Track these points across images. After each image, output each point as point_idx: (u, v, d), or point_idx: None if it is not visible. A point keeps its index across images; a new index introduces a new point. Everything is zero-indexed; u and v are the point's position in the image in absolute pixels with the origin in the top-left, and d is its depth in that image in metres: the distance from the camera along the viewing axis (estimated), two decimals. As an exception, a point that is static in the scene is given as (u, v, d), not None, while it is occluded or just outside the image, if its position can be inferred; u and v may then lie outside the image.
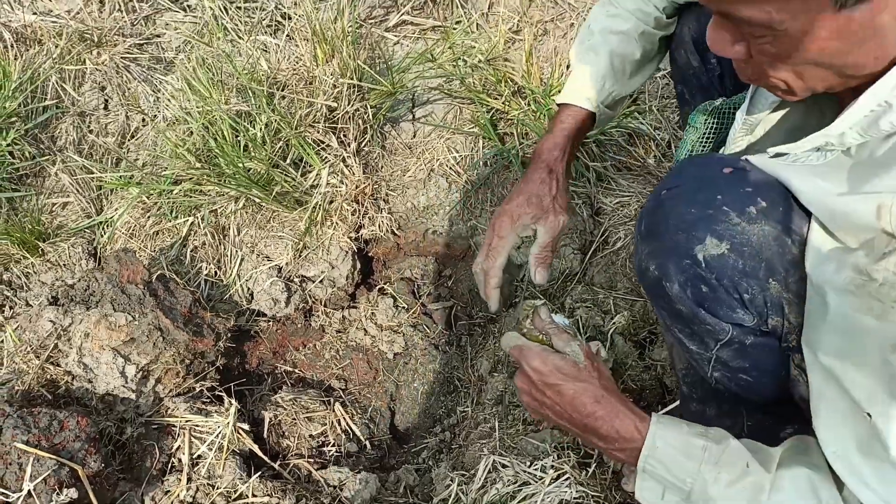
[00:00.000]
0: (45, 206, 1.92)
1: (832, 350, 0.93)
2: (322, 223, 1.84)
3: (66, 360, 1.48)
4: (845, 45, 0.81)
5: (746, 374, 1.16)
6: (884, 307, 0.84)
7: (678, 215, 1.06)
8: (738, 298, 1.05)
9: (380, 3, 2.53)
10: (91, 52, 2.21)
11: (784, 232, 1.00)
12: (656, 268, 1.10)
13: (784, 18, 0.79)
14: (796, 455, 1.00)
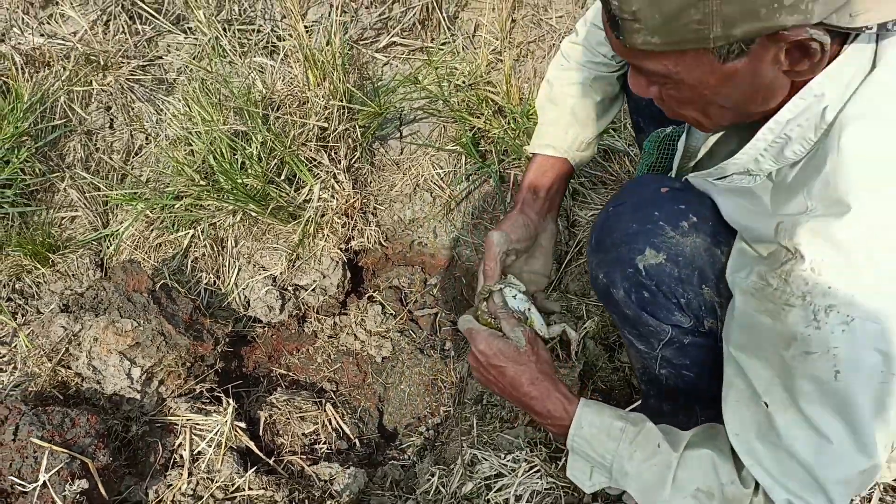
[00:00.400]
0: (54, 219, 2.04)
1: (739, 344, 1.06)
2: (314, 235, 1.96)
3: (76, 363, 1.60)
4: (734, 90, 0.94)
5: (689, 370, 1.29)
6: (776, 308, 0.96)
7: (621, 229, 1.20)
8: (676, 303, 1.19)
9: (371, 25, 2.66)
10: (97, 73, 2.33)
11: (713, 244, 1.14)
12: (604, 276, 1.24)
13: (679, 71, 0.93)
14: (704, 439, 1.13)
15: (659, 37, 0.88)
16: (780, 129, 0.97)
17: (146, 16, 2.67)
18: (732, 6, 0.82)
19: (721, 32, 0.85)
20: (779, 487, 1.02)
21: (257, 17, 2.74)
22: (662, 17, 0.86)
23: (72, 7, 2.81)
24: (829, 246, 0.91)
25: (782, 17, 0.82)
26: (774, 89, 0.95)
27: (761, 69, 0.91)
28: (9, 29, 2.75)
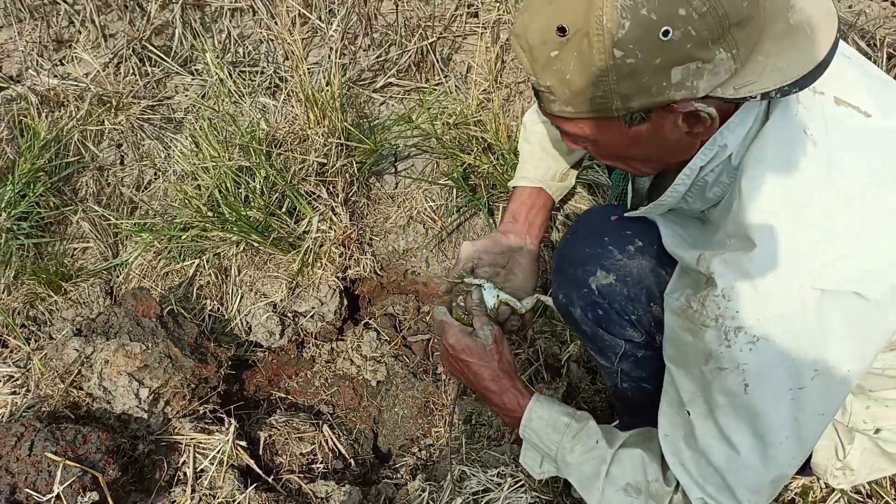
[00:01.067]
0: (67, 250, 2.15)
1: (668, 356, 1.18)
2: (313, 264, 2.06)
3: (88, 384, 1.70)
4: (645, 149, 1.09)
5: (646, 383, 1.40)
6: (696, 328, 1.08)
7: (576, 253, 1.34)
8: (628, 319, 1.31)
9: (369, 67, 2.80)
10: (109, 113, 2.47)
11: (658, 265, 1.26)
12: (563, 296, 1.38)
13: (593, 134, 1.07)
14: (638, 441, 1.27)
15: (571, 107, 1.02)
16: (695, 175, 1.10)
17: (155, 58, 2.81)
18: (627, 85, 0.96)
19: (621, 105, 0.99)
20: (696, 487, 1.14)
21: (261, 59, 2.89)
22: (571, 92, 1.00)
23: (84, 50, 2.96)
24: (739, 276, 1.02)
25: (671, 93, 0.96)
26: (683, 146, 1.08)
27: (664, 132, 1.04)
28: (24, 70, 2.90)
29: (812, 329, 1.01)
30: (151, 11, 3.02)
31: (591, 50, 0.94)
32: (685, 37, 0.92)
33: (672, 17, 0.91)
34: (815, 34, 0.99)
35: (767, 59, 0.98)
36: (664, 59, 0.93)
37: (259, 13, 3.10)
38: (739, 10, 0.93)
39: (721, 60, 0.95)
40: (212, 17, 3.17)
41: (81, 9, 3.14)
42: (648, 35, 0.92)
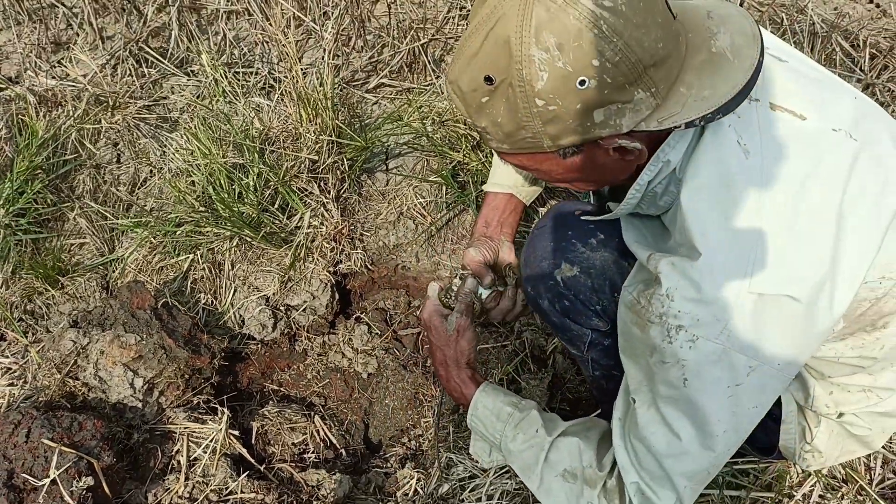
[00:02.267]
0: (64, 246, 2.19)
1: (621, 346, 1.25)
2: (305, 259, 2.11)
3: (84, 374, 1.74)
4: (580, 174, 1.16)
5: (616, 370, 1.46)
6: (643, 322, 1.14)
7: (542, 247, 1.39)
8: (593, 309, 1.37)
9: (362, 68, 2.84)
10: (106, 113, 2.51)
11: (620, 257, 1.32)
12: (531, 289, 1.43)
13: (531, 165, 1.15)
14: (578, 430, 1.36)
15: (507, 145, 1.10)
16: (644, 188, 1.16)
17: (152, 60, 2.86)
18: (553, 127, 1.03)
19: (552, 143, 1.06)
20: (633, 471, 1.20)
21: (256, 60, 2.93)
22: (504, 133, 1.07)
23: (82, 52, 3.01)
24: (682, 279, 1.08)
25: (596, 132, 1.03)
26: (619, 169, 1.16)
27: (598, 162, 1.12)
28: (23, 71, 2.95)
29: (748, 330, 1.06)
30: (148, 14, 3.06)
31: (515, 98, 1.01)
32: (601, 84, 0.97)
33: (586, 67, 0.96)
34: (738, 60, 1.04)
35: (690, 91, 1.03)
36: (584, 104, 0.99)
37: (254, 15, 3.15)
38: (654, 53, 0.98)
39: (640, 100, 1.01)
40: (207, 19, 3.21)
41: (79, 11, 3.19)
42: (566, 85, 0.97)
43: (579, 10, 0.94)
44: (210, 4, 3.27)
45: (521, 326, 2.05)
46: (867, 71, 2.80)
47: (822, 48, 2.92)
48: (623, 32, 0.95)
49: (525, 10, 0.96)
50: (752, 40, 1.06)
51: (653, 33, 0.98)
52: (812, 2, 3.26)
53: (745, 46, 1.05)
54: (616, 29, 0.95)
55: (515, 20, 0.96)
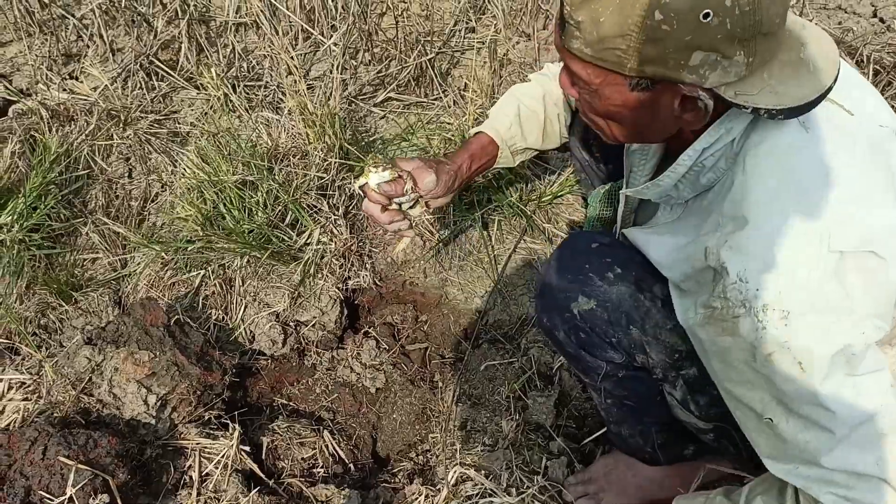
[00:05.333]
0: (77, 261, 2.21)
1: (723, 377, 1.18)
2: (314, 275, 2.13)
3: (98, 391, 1.77)
4: (634, 115, 1.14)
5: (629, 400, 1.47)
6: (729, 325, 1.10)
7: (559, 279, 1.40)
8: (608, 342, 1.38)
9: (369, 82, 2.87)
10: (118, 127, 2.54)
11: (637, 290, 1.33)
12: (547, 320, 1.44)
13: (597, 82, 1.11)
14: (755, 488, 1.27)
15: (591, 49, 1.06)
16: (697, 157, 1.16)
17: (162, 73, 2.89)
18: (651, 49, 1.00)
19: (636, 66, 1.03)
20: (820, 490, 1.09)
21: (265, 73, 2.96)
22: (598, 35, 1.03)
23: (93, 65, 3.04)
24: (744, 256, 1.06)
25: (683, 74, 1.02)
26: (666, 127, 1.16)
27: (659, 107, 1.10)
28: (34, 83, 2.98)
29: (837, 292, 1.03)
30: (158, 27, 3.09)
31: (635, 2, 0.97)
32: (721, 26, 0.96)
33: (719, 3, 0.95)
34: (816, 74, 1.05)
35: (769, 81, 1.03)
36: (694, 38, 0.97)
37: (262, 28, 3.18)
38: (771, 24, 0.98)
39: (737, 62, 1.00)
40: (216, 31, 3.24)
41: (90, 23, 3.22)
42: (692, 11, 0.95)
43: None
44: (219, 16, 3.30)
45: (527, 343, 2.08)
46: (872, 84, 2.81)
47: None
48: None
49: None
50: (831, 65, 1.07)
51: (778, 6, 0.99)
52: (815, 17, 3.28)
53: (824, 66, 1.06)
54: None
55: None
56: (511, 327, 2.15)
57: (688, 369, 1.37)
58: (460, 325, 2.21)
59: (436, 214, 2.27)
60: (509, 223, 2.34)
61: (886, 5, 3.56)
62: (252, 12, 3.27)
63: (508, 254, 2.27)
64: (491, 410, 1.95)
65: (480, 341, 2.14)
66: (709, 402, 1.38)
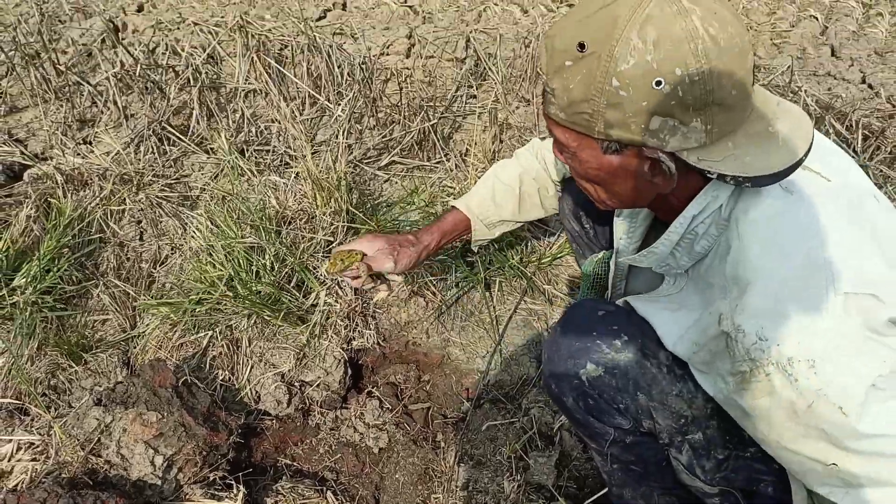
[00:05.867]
0: (88, 322, 2.27)
1: (773, 437, 1.19)
2: (319, 336, 2.17)
3: (106, 452, 1.80)
4: (610, 177, 1.22)
5: (635, 465, 1.49)
6: (763, 385, 1.12)
7: (567, 347, 1.43)
8: (616, 408, 1.41)
9: (374, 146, 2.96)
10: (130, 191, 2.63)
11: (643, 357, 1.36)
12: (556, 386, 1.47)
13: (575, 146, 1.20)
14: None
15: (564, 114, 1.16)
16: (688, 224, 1.22)
17: (174, 138, 2.99)
18: (613, 113, 1.09)
19: (603, 129, 1.12)
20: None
21: (272, 138, 3.06)
22: (568, 100, 1.13)
23: (106, 131, 3.14)
24: (757, 316, 1.10)
25: (645, 137, 1.10)
26: (644, 192, 1.22)
27: (631, 170, 1.18)
28: (49, 148, 3.08)
29: (852, 329, 1.05)
30: (171, 94, 3.21)
31: (596, 71, 1.07)
32: (673, 93, 1.04)
33: (668, 72, 1.03)
34: (786, 148, 1.12)
35: (735, 150, 1.10)
36: (649, 104, 1.06)
37: (271, 94, 3.29)
38: (726, 95, 1.06)
39: (695, 129, 1.08)
40: (226, 97, 3.36)
41: (104, 90, 3.34)
42: (644, 78, 1.04)
43: (687, 22, 1.03)
44: (229, 83, 3.42)
45: (528, 403, 2.11)
46: (860, 152, 2.90)
47: (817, 127, 3.01)
48: (711, 59, 1.03)
49: (643, 2, 1.05)
50: (803, 139, 1.13)
51: (733, 79, 1.06)
52: (806, 83, 3.39)
53: (796, 140, 1.13)
54: (707, 54, 1.03)
55: (631, 5, 1.05)
56: (512, 387, 2.18)
57: (693, 434, 1.39)
58: (462, 384, 2.25)
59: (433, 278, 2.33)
60: (510, 284, 2.40)
61: (875, 72, 3.68)
62: (261, 79, 3.40)
63: (509, 314, 2.32)
64: (493, 471, 1.97)
65: (482, 401, 2.17)
66: (714, 466, 1.41)
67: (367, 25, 4.10)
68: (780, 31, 4.08)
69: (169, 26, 4.00)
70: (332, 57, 3.33)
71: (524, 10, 4.31)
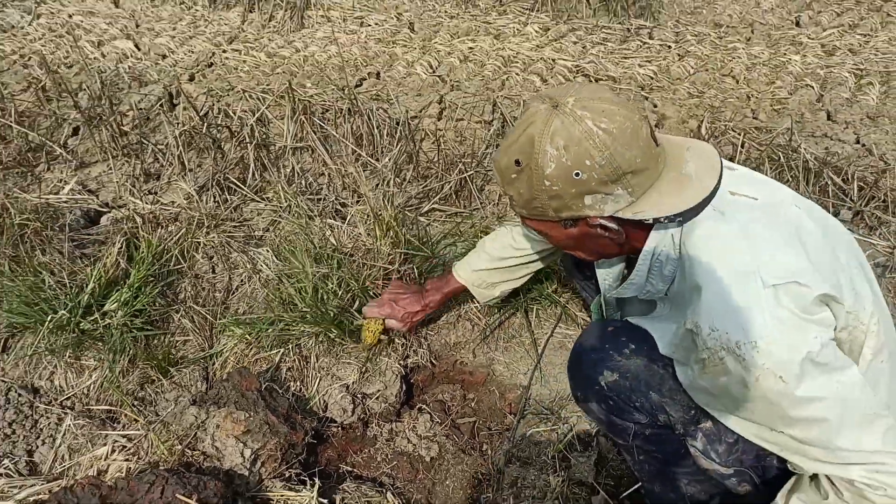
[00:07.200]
0: (171, 342, 2.54)
1: (733, 410, 1.48)
2: (379, 353, 2.45)
3: (202, 444, 2.04)
4: (578, 243, 1.58)
5: (658, 453, 1.76)
6: (719, 367, 1.40)
7: (585, 359, 1.75)
8: (633, 406, 1.69)
9: (415, 195, 3.28)
10: (200, 231, 2.93)
11: (650, 361, 1.66)
12: (580, 393, 1.78)
13: (543, 230, 1.57)
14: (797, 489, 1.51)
15: (524, 210, 1.52)
16: (650, 257, 1.55)
17: (234, 187, 3.31)
18: (555, 203, 1.44)
19: (554, 214, 1.48)
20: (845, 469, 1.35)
21: (322, 188, 3.38)
22: (522, 201, 1.49)
23: (169, 183, 3.47)
24: (708, 312, 1.39)
25: (585, 211, 1.45)
26: (607, 246, 1.56)
27: (590, 234, 1.52)
28: (118, 198, 3.40)
29: (783, 314, 1.31)
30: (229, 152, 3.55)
31: (532, 178, 1.42)
32: (590, 178, 1.38)
33: (581, 164, 1.37)
34: (700, 182, 1.45)
35: (661, 197, 1.44)
36: (577, 189, 1.40)
37: (318, 151, 3.63)
38: (632, 164, 1.39)
39: (619, 195, 1.42)
40: (276, 154, 3.70)
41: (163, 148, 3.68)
42: (566, 174, 1.39)
43: (583, 126, 1.37)
44: (278, 142, 3.78)
45: (567, 414, 2.35)
46: (856, 200, 3.20)
47: (816, 181, 3.33)
48: (609, 146, 1.37)
49: (548, 121, 1.39)
50: (713, 171, 1.47)
51: (633, 151, 1.38)
52: (805, 143, 3.74)
53: (706, 174, 1.46)
54: (605, 143, 1.37)
55: (541, 125, 1.40)
56: (552, 401, 2.43)
57: (704, 422, 1.66)
58: (506, 399, 2.49)
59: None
60: (545, 311, 2.67)
61: (867, 133, 4.04)
62: (307, 139, 3.75)
63: (547, 337, 2.59)
64: (538, 469, 2.20)
65: (525, 412, 2.41)
66: (726, 449, 1.67)
67: (401, 92, 4.49)
68: (780, 98, 4.47)
69: (219, 93, 4.39)
70: (372, 118, 3.70)
71: (543, 79, 4.71)
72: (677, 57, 5.14)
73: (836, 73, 4.82)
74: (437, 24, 5.82)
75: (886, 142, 3.86)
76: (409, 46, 5.29)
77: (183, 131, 3.60)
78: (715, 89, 4.62)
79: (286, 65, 4.98)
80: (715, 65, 5.00)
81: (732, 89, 4.62)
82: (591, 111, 1.38)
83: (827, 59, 5.10)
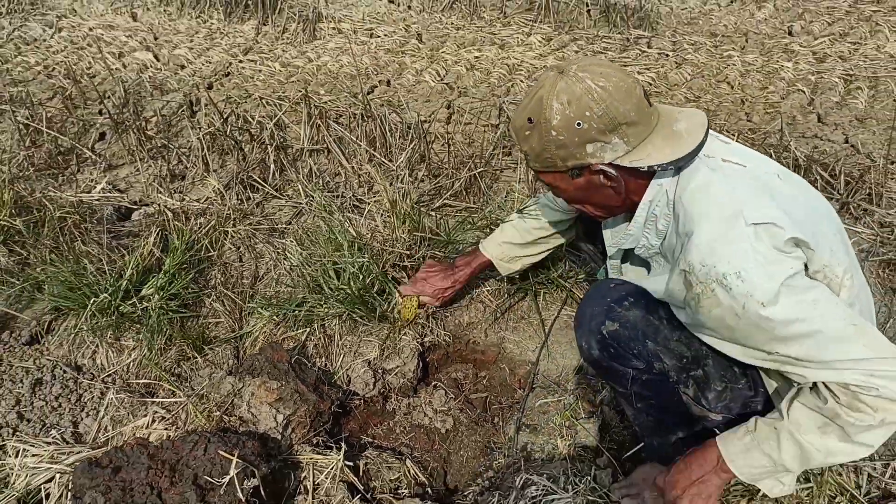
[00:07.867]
0: (204, 324, 2.73)
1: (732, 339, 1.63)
2: (399, 332, 2.64)
3: (239, 410, 2.22)
4: (585, 194, 1.77)
5: (654, 399, 1.93)
6: (711, 298, 1.55)
7: (590, 311, 1.93)
8: (631, 353, 1.87)
9: (427, 192, 3.48)
10: (227, 224, 3.12)
11: (647, 313, 1.84)
12: (585, 343, 1.95)
13: (554, 182, 1.76)
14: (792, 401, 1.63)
15: (538, 164, 1.73)
16: (648, 208, 1.73)
17: (256, 185, 3.50)
18: (562, 152, 1.65)
19: (561, 164, 1.68)
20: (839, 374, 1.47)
21: (339, 186, 3.58)
22: (535, 155, 1.71)
23: (194, 181, 3.66)
24: (699, 250, 1.55)
25: (588, 159, 1.65)
26: (611, 198, 1.75)
27: (593, 184, 1.72)
28: (146, 196, 3.59)
29: (762, 247, 1.47)
30: (250, 153, 3.75)
31: (541, 132, 1.64)
32: (590, 127, 1.60)
33: (581, 115, 1.59)
34: (690, 137, 1.65)
35: (654, 149, 1.64)
36: (580, 138, 1.61)
37: (333, 153, 3.83)
38: (626, 117, 1.60)
39: (616, 143, 1.62)
40: (293, 156, 3.90)
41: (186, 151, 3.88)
42: (570, 124, 1.60)
43: (584, 84, 1.59)
44: (295, 144, 3.97)
45: (572, 387, 2.53)
46: (843, 193, 3.39)
47: (805, 176, 3.52)
48: (606, 100, 1.58)
49: (555, 83, 1.60)
50: (701, 128, 1.66)
51: (627, 105, 1.59)
52: (794, 141, 3.94)
53: (696, 130, 1.66)
54: (602, 97, 1.58)
55: (549, 88, 1.62)
56: (559, 375, 2.61)
57: (695, 371, 1.85)
58: (516, 375, 2.67)
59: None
60: (552, 295, 2.86)
61: (856, 134, 4.23)
62: (323, 141, 3.95)
63: (553, 318, 2.78)
64: (547, 435, 2.38)
65: (534, 386, 2.59)
66: (716, 396, 1.85)
67: (411, 98, 4.70)
68: (772, 102, 4.67)
69: (237, 100, 4.60)
70: (384, 122, 3.90)
71: (546, 87, 4.92)
72: (675, 65, 5.35)
73: (827, 78, 5.03)
74: (443, 35, 6.05)
75: (873, 141, 4.06)
76: (418, 56, 5.52)
77: (206, 133, 3.81)
78: (710, 94, 4.83)
79: (300, 74, 5.20)
80: (710, 72, 5.21)
81: (727, 94, 4.83)
82: (591, 73, 1.60)
83: (818, 65, 5.31)
